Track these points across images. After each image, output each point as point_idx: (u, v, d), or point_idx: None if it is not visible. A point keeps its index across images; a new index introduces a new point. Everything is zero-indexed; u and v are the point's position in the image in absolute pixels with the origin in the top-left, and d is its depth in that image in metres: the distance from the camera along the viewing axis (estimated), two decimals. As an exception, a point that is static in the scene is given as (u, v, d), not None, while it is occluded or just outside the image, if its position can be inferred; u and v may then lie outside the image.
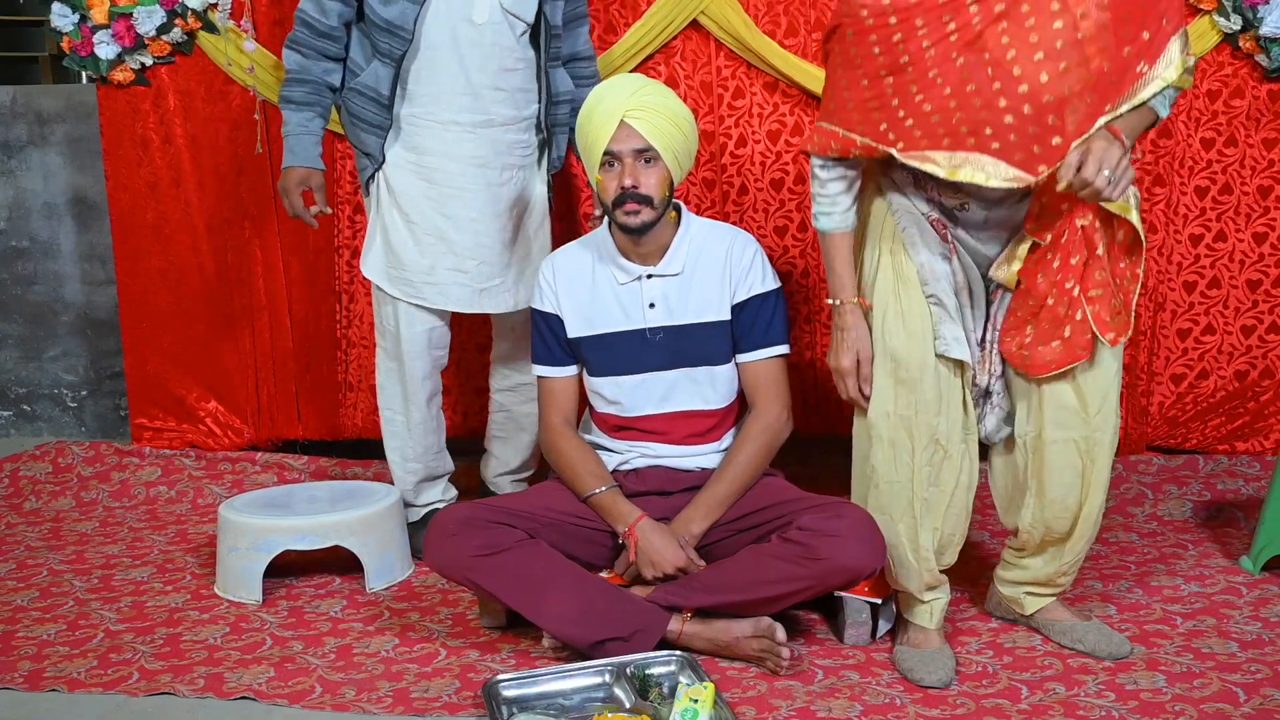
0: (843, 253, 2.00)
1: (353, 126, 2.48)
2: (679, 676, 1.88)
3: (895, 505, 1.97)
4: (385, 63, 2.38)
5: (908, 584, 2.01)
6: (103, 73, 3.11)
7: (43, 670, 2.08)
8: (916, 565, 1.98)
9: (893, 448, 1.95)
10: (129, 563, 2.67)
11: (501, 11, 2.39)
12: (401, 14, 2.33)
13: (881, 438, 1.95)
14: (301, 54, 2.40)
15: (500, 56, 2.41)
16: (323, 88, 2.42)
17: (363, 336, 3.19)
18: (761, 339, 2.20)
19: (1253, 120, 2.83)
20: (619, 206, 2.11)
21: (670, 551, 2.08)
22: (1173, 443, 3.02)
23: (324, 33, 2.39)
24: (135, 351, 3.29)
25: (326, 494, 2.63)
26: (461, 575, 2.05)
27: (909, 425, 1.93)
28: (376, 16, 2.36)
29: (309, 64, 2.40)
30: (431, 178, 2.45)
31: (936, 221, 1.97)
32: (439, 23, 2.37)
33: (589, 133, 2.12)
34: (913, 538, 1.97)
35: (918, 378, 1.92)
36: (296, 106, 2.41)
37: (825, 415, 3.09)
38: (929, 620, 2.02)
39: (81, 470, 3.25)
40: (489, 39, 2.39)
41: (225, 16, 3.04)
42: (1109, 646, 2.00)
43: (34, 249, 3.71)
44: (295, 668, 2.06)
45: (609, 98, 2.11)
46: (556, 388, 2.27)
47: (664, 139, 2.10)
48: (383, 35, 2.36)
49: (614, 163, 2.11)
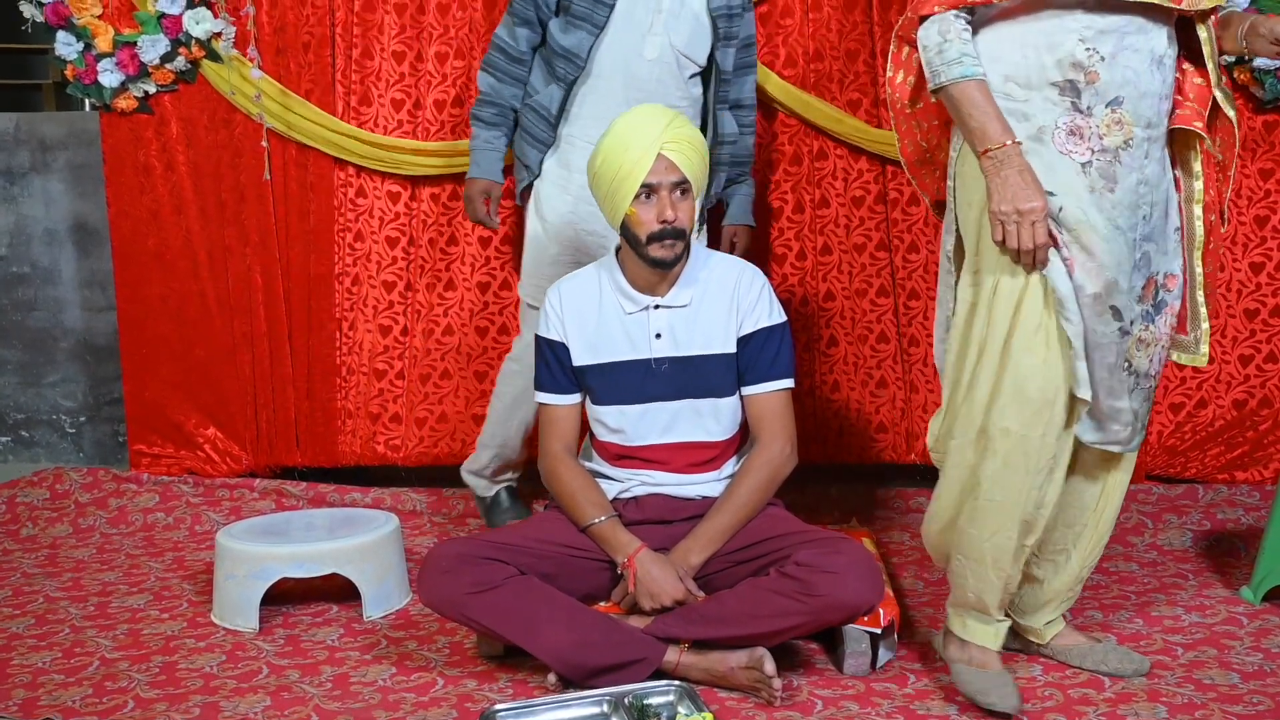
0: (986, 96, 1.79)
1: (520, 139, 2.67)
2: (677, 706, 1.87)
3: (995, 521, 1.88)
4: (559, 85, 2.56)
5: (987, 599, 1.93)
6: (106, 100, 3.13)
7: (37, 698, 2.07)
8: (1000, 583, 1.91)
9: (1006, 467, 1.85)
10: (125, 590, 2.66)
11: (673, 51, 2.53)
12: (578, 42, 2.51)
13: (996, 453, 1.85)
14: (495, 77, 2.62)
15: (665, 93, 2.53)
16: (508, 109, 2.64)
17: (362, 364, 3.20)
18: (766, 372, 2.20)
19: (1248, 151, 2.85)
20: (657, 240, 2.09)
21: (669, 583, 2.08)
22: (1172, 471, 3.02)
23: (516, 58, 2.61)
24: (134, 378, 3.30)
25: (324, 521, 2.62)
26: (456, 612, 2.05)
27: (1027, 447, 1.83)
28: (556, 43, 2.55)
29: (500, 87, 2.62)
30: (578, 194, 2.56)
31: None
32: (612, 54, 2.52)
33: (623, 165, 2.09)
34: (1005, 556, 1.89)
35: (1051, 399, 1.82)
36: (485, 125, 2.64)
37: (824, 444, 3.10)
38: (994, 641, 1.96)
39: (79, 496, 3.24)
40: (657, 74, 2.53)
41: (229, 45, 3.07)
42: (1132, 665, 2.01)
43: (35, 275, 3.72)
44: (291, 697, 2.05)
45: (644, 130, 2.09)
46: (559, 415, 2.27)
47: (695, 171, 2.12)
48: (559, 60, 2.55)
49: (650, 195, 2.10)
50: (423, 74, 3.08)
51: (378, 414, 3.21)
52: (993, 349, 1.84)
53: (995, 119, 1.77)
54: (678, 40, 2.53)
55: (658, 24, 2.50)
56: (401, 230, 3.16)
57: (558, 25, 2.55)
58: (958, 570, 1.95)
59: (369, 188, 3.14)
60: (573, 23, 2.52)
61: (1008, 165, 1.76)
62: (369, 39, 3.07)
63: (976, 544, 1.91)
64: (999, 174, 1.77)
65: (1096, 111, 1.79)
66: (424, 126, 3.09)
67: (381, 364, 3.20)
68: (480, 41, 3.04)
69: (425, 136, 3.09)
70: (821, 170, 3.03)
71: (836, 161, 3.02)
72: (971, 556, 1.92)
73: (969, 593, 1.95)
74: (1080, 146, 1.79)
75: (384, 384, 3.20)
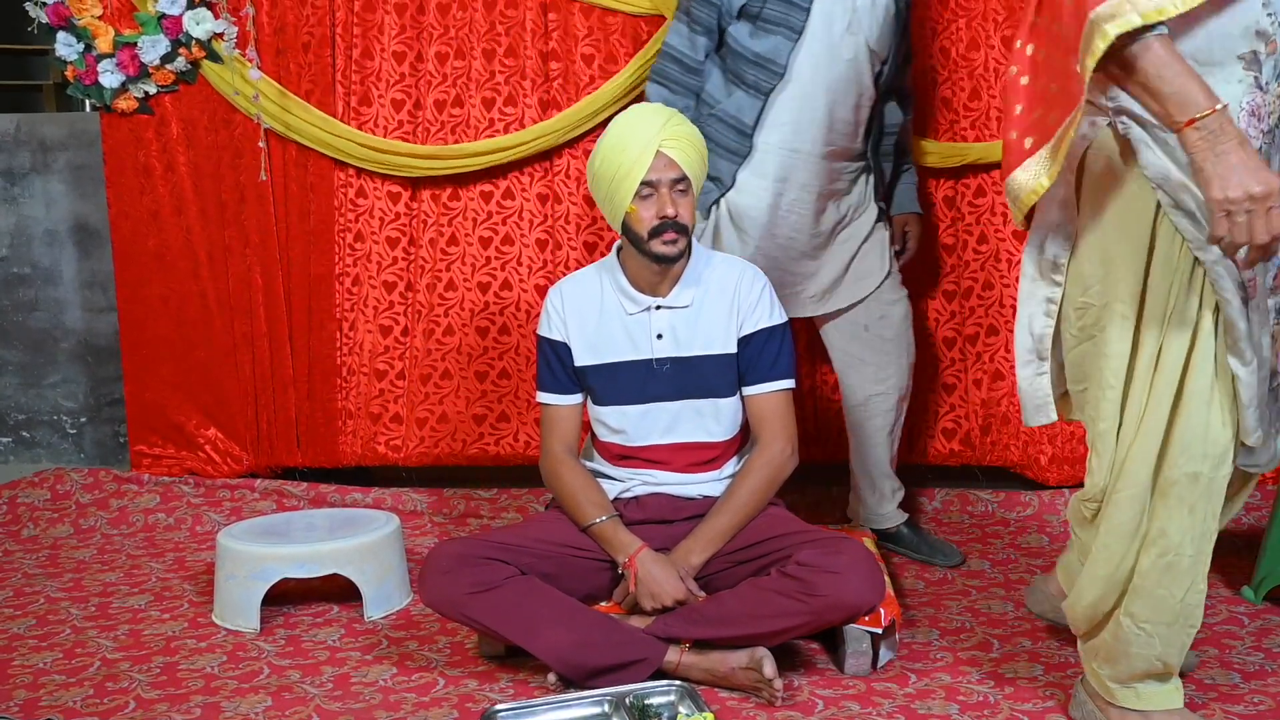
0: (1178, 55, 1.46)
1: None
2: (678, 706, 1.87)
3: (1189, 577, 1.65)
4: (751, 93, 2.43)
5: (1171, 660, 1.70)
6: (106, 101, 3.13)
7: (38, 699, 2.07)
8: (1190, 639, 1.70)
9: (1191, 514, 1.63)
10: (126, 590, 2.66)
11: (866, 50, 2.47)
12: (775, 48, 2.40)
13: (1182, 500, 1.63)
14: (669, 89, 2.48)
15: (858, 92, 2.49)
16: None
17: (362, 364, 3.20)
18: (767, 373, 2.20)
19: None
20: (658, 236, 2.10)
21: (670, 583, 2.08)
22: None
23: (693, 68, 2.47)
24: (135, 378, 3.30)
25: (325, 522, 2.62)
26: (456, 612, 2.05)
27: (1212, 489, 1.63)
28: (744, 49, 2.42)
29: (674, 99, 2.47)
30: (775, 202, 2.50)
31: None
32: (811, 58, 2.43)
33: (622, 163, 2.10)
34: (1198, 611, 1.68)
35: (1233, 436, 1.63)
36: None
37: (825, 444, 3.10)
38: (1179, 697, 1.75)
39: (80, 497, 3.24)
40: (851, 75, 2.46)
41: (230, 46, 3.07)
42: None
43: (35, 276, 3.72)
44: (292, 697, 2.05)
45: (642, 128, 2.10)
46: (560, 415, 2.27)
47: (694, 168, 2.13)
48: (750, 67, 2.42)
49: (650, 192, 2.10)
50: (423, 74, 3.08)
51: (378, 414, 3.21)
52: (1164, 389, 1.61)
53: (1196, 78, 1.43)
54: (870, 38, 2.46)
55: (854, 23, 2.43)
56: (402, 230, 3.16)
57: (744, 31, 2.43)
58: (1129, 638, 1.70)
59: (369, 188, 3.14)
60: (765, 28, 2.41)
61: (1224, 137, 1.42)
62: (369, 39, 3.07)
63: (1167, 606, 1.67)
64: (1213, 150, 1.42)
65: (1270, 88, 1.53)
66: (424, 127, 3.09)
67: (382, 364, 3.20)
68: (481, 41, 3.04)
69: (425, 137, 3.09)
70: (822, 170, 3.03)
71: (837, 161, 3.02)
72: (1161, 620, 1.68)
73: (1153, 659, 1.70)
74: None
75: (384, 384, 3.20)
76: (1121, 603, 1.71)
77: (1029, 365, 1.80)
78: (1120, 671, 1.74)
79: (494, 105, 3.06)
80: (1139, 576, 1.68)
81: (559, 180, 3.08)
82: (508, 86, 3.06)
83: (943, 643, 2.21)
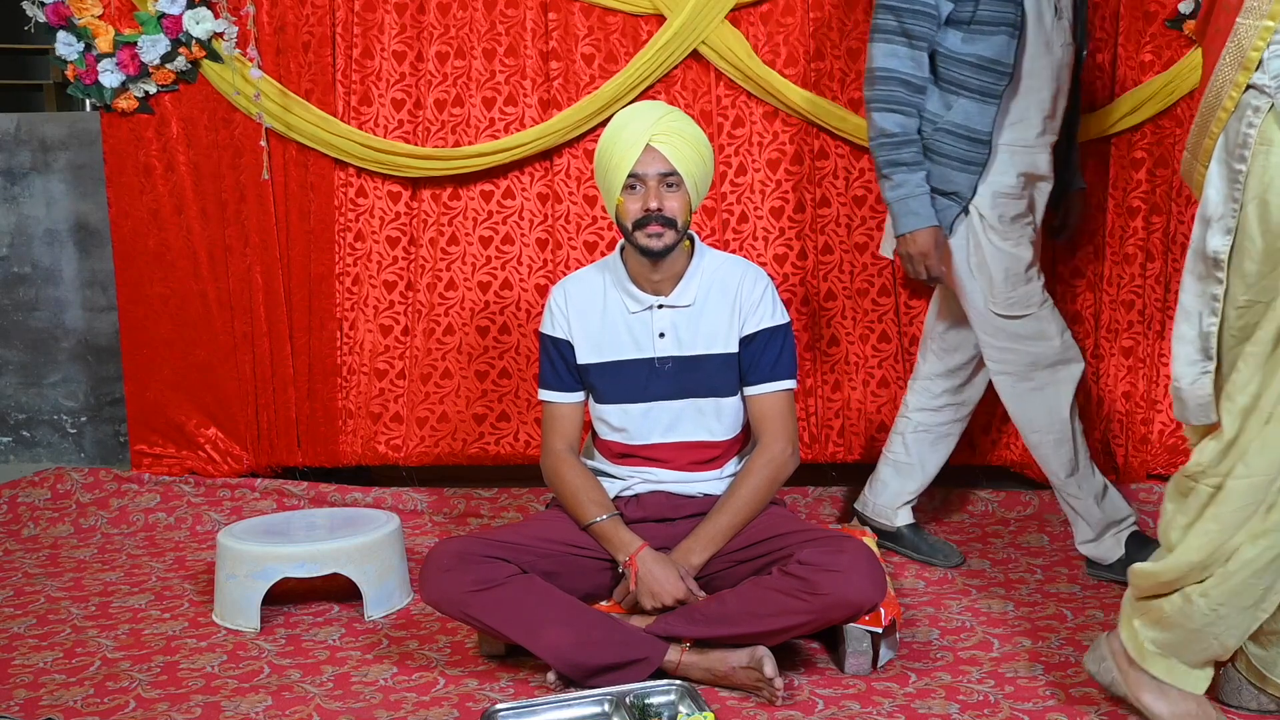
0: None
1: (941, 169, 2.42)
2: (678, 706, 1.87)
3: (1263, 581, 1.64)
4: (979, 99, 2.36)
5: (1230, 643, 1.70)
6: (106, 100, 3.13)
7: (39, 699, 2.07)
8: (1253, 623, 1.69)
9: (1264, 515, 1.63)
10: (127, 590, 2.66)
11: (1071, 34, 2.47)
12: (1000, 49, 2.34)
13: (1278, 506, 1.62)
14: (903, 114, 2.38)
15: (1068, 79, 2.49)
16: (920, 144, 2.40)
17: (363, 364, 3.20)
18: (769, 373, 2.20)
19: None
20: (641, 228, 2.12)
21: (670, 582, 2.08)
22: (1173, 470, 3.00)
23: (919, 87, 2.39)
24: (135, 378, 3.30)
25: (326, 521, 2.62)
26: (457, 611, 2.05)
27: None
28: (967, 55, 2.36)
29: (909, 122, 2.38)
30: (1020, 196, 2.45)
31: None
32: (1033, 52, 2.40)
33: (613, 156, 2.12)
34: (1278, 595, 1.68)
35: None
36: (910, 168, 2.39)
37: (825, 444, 3.10)
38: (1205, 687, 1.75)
39: (80, 497, 3.24)
40: (1064, 60, 2.46)
41: (231, 46, 3.07)
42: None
43: (36, 275, 3.72)
44: (293, 696, 2.05)
45: (634, 122, 2.13)
46: (562, 413, 2.27)
47: (686, 164, 2.12)
48: (974, 73, 2.36)
49: (637, 186, 2.12)
50: (423, 74, 3.08)
51: (379, 414, 3.21)
52: None
53: None
54: (1069, 20, 2.45)
55: (1060, 8, 2.42)
56: (402, 230, 3.16)
57: (955, 39, 2.35)
58: (1195, 615, 1.68)
59: (369, 188, 3.14)
60: (981, 30, 2.33)
61: None
62: (369, 39, 3.07)
63: (1252, 593, 1.65)
64: None
65: None
66: (424, 126, 3.09)
67: (382, 364, 3.20)
68: (481, 41, 3.04)
69: (426, 136, 3.09)
70: (823, 169, 3.03)
71: (838, 160, 3.02)
72: (1239, 604, 1.66)
73: (1212, 639, 1.70)
74: None
75: (385, 384, 3.21)
76: (1199, 582, 1.67)
77: (1194, 365, 1.71)
78: (1170, 640, 1.71)
79: (494, 105, 3.07)
80: (1237, 563, 1.63)
81: (559, 180, 3.08)
82: (508, 86, 3.06)
83: (943, 642, 2.21)
